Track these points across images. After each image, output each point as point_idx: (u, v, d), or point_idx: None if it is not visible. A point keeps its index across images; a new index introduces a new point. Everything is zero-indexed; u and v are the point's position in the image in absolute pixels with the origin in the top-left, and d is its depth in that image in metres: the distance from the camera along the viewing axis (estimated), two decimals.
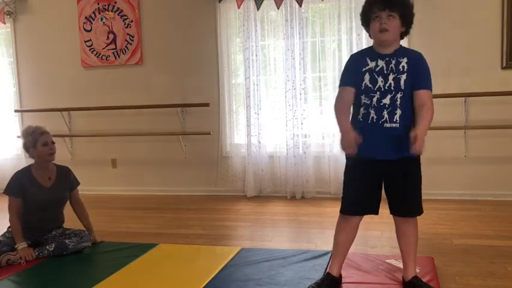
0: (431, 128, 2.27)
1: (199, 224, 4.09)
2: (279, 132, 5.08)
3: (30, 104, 5.82)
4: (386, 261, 2.86)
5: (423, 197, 2.43)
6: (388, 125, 2.30)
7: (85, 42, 5.61)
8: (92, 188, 5.19)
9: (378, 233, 3.50)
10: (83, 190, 3.61)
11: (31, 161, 3.37)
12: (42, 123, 3.42)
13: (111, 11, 5.49)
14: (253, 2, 4.93)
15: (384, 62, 2.32)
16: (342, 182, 2.51)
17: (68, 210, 3.47)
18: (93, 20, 5.55)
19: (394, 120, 2.29)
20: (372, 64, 2.34)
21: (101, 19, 5.54)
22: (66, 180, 3.40)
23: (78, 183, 3.50)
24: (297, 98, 4.91)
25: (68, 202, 3.46)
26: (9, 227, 3.26)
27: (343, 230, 2.51)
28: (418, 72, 2.31)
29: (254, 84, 5.01)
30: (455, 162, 4.65)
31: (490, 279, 2.62)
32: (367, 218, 2.50)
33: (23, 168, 3.34)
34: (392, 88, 2.30)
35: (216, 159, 5.30)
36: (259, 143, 5.07)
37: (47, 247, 3.18)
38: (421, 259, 2.78)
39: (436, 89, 4.38)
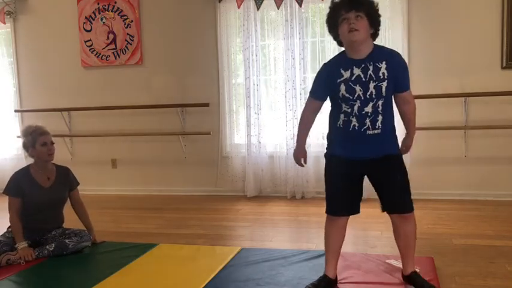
0: (431, 128, 2.28)
1: (199, 224, 4.09)
2: (279, 132, 5.07)
3: (30, 104, 5.81)
4: (386, 261, 2.86)
5: (424, 197, 2.44)
6: (370, 132, 2.31)
7: (85, 42, 5.61)
8: (92, 188, 5.19)
9: (378, 233, 3.50)
10: (83, 190, 3.61)
11: (31, 161, 3.37)
12: (42, 123, 3.41)
13: (111, 11, 5.48)
14: (253, 2, 4.92)
15: (360, 69, 2.27)
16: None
17: (67, 210, 3.47)
18: (93, 20, 5.55)
19: (377, 127, 2.30)
20: (346, 74, 2.30)
21: (101, 19, 5.53)
22: (65, 180, 3.40)
23: (78, 183, 3.50)
24: (297, 98, 4.90)
25: (68, 202, 3.46)
26: (9, 227, 3.26)
27: (332, 231, 2.52)
28: (399, 73, 2.31)
29: (254, 84, 5.01)
30: (455, 162, 4.65)
31: (490, 279, 2.62)
32: (367, 218, 2.50)
33: (21, 169, 3.34)
34: (373, 96, 2.28)
35: (216, 159, 5.29)
36: (259, 143, 5.07)
37: (47, 247, 3.18)
38: (421, 259, 2.79)
39: (436, 89, 4.43)
